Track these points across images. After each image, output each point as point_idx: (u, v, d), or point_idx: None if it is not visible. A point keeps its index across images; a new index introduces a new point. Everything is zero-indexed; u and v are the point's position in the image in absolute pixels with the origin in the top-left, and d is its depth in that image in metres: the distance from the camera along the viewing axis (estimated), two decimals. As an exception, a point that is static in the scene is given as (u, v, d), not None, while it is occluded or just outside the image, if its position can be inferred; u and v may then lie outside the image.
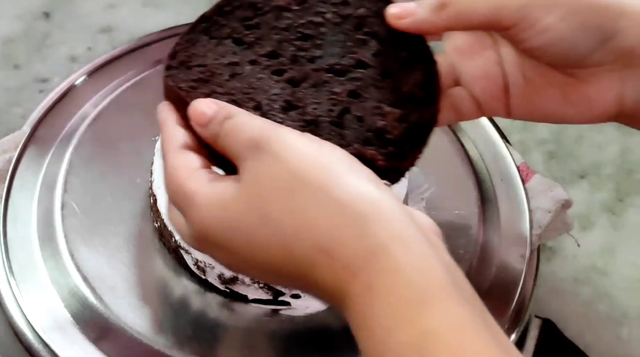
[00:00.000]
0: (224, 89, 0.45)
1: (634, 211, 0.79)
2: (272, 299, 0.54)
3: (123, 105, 0.65)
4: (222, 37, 0.48)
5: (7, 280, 0.53)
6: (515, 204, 0.61)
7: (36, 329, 0.51)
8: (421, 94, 0.46)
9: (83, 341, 0.51)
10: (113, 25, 0.89)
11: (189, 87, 0.45)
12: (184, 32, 0.48)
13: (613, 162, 0.83)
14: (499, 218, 0.60)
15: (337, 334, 0.54)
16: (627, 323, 0.70)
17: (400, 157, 0.44)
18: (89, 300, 0.53)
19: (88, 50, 0.86)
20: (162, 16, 0.90)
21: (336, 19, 0.49)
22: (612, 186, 0.81)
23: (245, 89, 0.46)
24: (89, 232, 0.57)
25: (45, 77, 0.82)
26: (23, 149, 0.61)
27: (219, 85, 0.46)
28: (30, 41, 0.86)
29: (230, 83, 0.46)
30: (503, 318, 0.54)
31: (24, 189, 0.58)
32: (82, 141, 0.62)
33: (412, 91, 0.46)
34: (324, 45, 0.48)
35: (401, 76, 0.46)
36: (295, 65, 0.47)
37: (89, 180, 0.60)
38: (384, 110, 0.45)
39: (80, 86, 0.66)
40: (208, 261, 0.53)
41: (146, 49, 0.70)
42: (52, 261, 0.55)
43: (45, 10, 0.89)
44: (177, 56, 0.47)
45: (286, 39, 0.48)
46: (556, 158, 0.83)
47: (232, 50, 0.48)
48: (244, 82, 0.46)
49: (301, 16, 0.49)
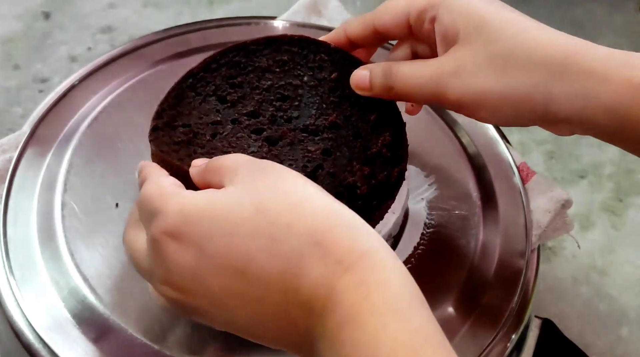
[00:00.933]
0: (204, 149, 0.49)
1: (634, 211, 0.79)
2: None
3: (123, 105, 0.65)
4: (207, 94, 0.52)
5: (7, 280, 0.53)
6: (515, 204, 0.61)
7: (36, 329, 0.51)
8: (389, 153, 0.49)
9: (83, 341, 0.51)
10: (113, 26, 0.89)
11: (171, 149, 0.48)
12: (172, 88, 0.52)
13: (613, 162, 0.83)
14: (498, 218, 0.60)
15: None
16: (627, 323, 0.70)
17: (368, 211, 0.47)
18: (88, 300, 0.53)
19: (88, 50, 0.86)
20: (162, 16, 0.91)
21: (312, 81, 0.53)
22: (612, 186, 0.81)
23: (224, 148, 0.49)
24: (88, 232, 0.57)
25: (45, 77, 0.82)
26: (23, 149, 0.61)
27: (201, 146, 0.49)
28: (30, 41, 0.86)
29: (211, 143, 0.49)
30: (503, 318, 0.54)
31: (24, 189, 0.58)
32: (82, 141, 0.62)
33: (380, 151, 0.49)
34: (301, 107, 0.52)
35: (371, 137, 0.50)
36: (273, 125, 0.51)
37: (89, 180, 0.60)
38: (354, 168, 0.48)
39: (80, 86, 0.66)
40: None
41: (146, 49, 0.70)
42: (52, 261, 0.55)
43: (45, 10, 0.89)
44: (162, 115, 0.50)
45: (266, 99, 0.52)
46: (556, 158, 0.83)
47: (216, 108, 0.51)
48: (224, 142, 0.49)
49: (281, 78, 0.53)
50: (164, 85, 0.53)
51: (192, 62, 0.54)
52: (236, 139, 0.50)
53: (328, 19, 0.75)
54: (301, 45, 0.54)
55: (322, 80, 0.53)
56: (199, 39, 0.71)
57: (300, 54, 0.54)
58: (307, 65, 0.53)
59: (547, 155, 0.83)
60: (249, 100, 0.52)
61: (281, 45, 0.54)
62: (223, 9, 0.93)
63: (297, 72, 0.53)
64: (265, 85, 0.53)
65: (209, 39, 0.71)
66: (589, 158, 0.83)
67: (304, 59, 0.54)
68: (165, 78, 0.66)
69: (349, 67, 0.52)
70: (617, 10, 0.99)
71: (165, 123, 0.50)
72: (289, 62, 0.54)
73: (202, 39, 0.71)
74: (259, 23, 0.73)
